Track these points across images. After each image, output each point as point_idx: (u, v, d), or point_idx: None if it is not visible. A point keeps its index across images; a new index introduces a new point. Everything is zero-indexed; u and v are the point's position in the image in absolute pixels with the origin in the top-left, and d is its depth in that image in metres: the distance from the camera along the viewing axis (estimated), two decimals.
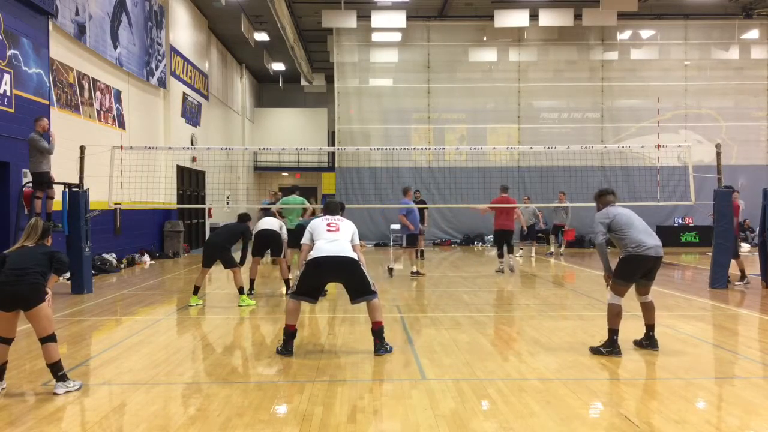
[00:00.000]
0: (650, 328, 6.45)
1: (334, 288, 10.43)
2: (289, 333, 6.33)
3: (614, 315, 6.21)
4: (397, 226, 21.59)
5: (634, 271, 6.22)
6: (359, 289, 6.36)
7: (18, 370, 5.70)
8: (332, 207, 7.06)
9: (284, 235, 10.49)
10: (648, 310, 6.46)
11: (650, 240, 6.22)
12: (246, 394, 5.06)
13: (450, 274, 13.39)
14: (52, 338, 5.09)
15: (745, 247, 17.21)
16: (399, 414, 4.61)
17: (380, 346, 6.34)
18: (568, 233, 17.80)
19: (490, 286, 11.75)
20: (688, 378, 5.48)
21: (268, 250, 11.04)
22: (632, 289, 6.41)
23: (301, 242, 6.65)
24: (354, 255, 6.34)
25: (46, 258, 5.22)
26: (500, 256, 13.71)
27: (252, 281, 10.42)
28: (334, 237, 6.38)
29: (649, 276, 6.34)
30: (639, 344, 6.50)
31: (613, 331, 6.20)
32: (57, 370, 5.10)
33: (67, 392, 5.09)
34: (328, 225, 6.51)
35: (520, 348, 6.65)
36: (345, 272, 6.32)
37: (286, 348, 6.29)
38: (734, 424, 4.44)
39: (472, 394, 5.04)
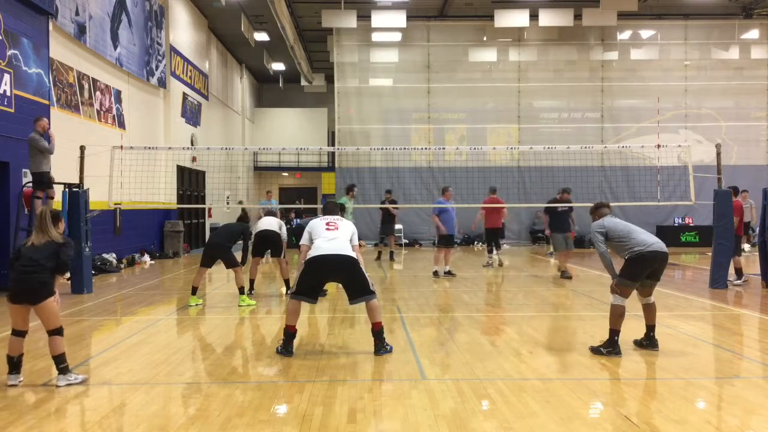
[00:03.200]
0: (651, 328, 6.47)
1: (334, 288, 10.44)
2: (289, 334, 6.33)
3: (617, 316, 6.23)
4: (398, 226, 21.70)
5: (641, 270, 6.25)
6: (358, 288, 6.35)
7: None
8: (331, 207, 7.07)
9: (284, 235, 10.50)
10: (650, 311, 6.49)
11: (651, 239, 6.34)
12: (246, 394, 5.05)
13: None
14: (58, 332, 5.27)
15: (745, 247, 17.19)
16: (399, 414, 4.61)
17: (380, 347, 6.34)
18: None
19: (490, 286, 11.75)
20: (688, 378, 5.48)
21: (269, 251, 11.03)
22: (634, 290, 6.42)
23: (300, 243, 6.65)
24: (353, 254, 6.34)
25: (54, 254, 5.34)
26: (490, 252, 14.98)
27: (252, 281, 10.42)
28: (333, 235, 6.37)
29: (655, 276, 6.37)
30: (639, 344, 6.51)
31: (614, 332, 6.22)
32: (60, 363, 5.27)
33: (68, 384, 5.21)
34: (327, 224, 6.51)
35: (520, 348, 6.65)
36: (344, 271, 6.31)
37: (286, 348, 6.29)
38: (734, 424, 4.44)
39: (472, 394, 5.04)
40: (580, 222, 15.67)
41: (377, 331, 6.36)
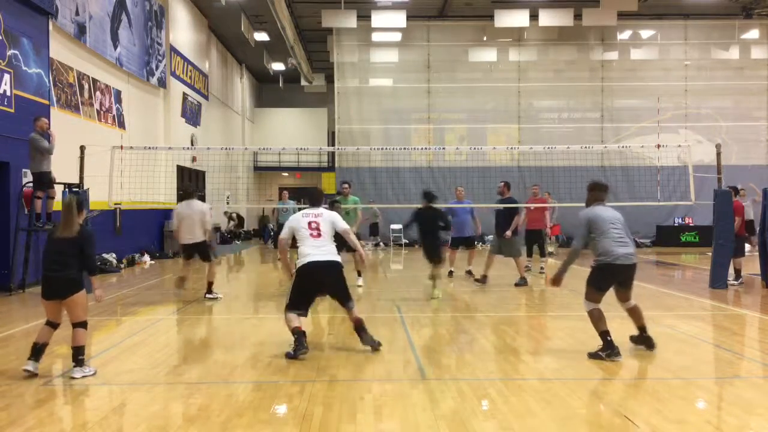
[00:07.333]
0: (642, 329, 6.37)
1: None
2: (299, 332, 6.27)
3: (597, 319, 6.13)
4: (397, 226, 21.70)
5: (605, 280, 6.17)
6: (345, 295, 6.52)
7: (19, 370, 5.69)
8: (317, 195, 6.88)
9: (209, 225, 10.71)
10: (634, 314, 6.36)
11: (619, 249, 6.06)
12: (246, 394, 5.06)
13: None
14: (83, 324, 5.57)
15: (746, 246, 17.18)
16: (399, 414, 4.61)
17: (369, 337, 6.41)
18: (553, 228, 17.73)
19: (490, 287, 11.73)
20: (688, 378, 5.48)
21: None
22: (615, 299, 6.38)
23: (280, 237, 6.81)
24: (339, 258, 6.50)
25: (80, 249, 5.67)
26: (529, 255, 13.72)
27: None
28: (319, 243, 6.44)
29: (625, 284, 6.26)
30: (635, 341, 6.43)
31: (603, 333, 6.08)
32: (79, 354, 5.51)
33: (84, 376, 5.42)
34: (310, 228, 6.48)
35: (520, 348, 6.65)
36: (332, 277, 6.43)
37: (301, 344, 6.19)
38: (734, 424, 4.44)
39: (472, 394, 5.03)
40: (576, 220, 15.58)
41: (360, 326, 6.45)
